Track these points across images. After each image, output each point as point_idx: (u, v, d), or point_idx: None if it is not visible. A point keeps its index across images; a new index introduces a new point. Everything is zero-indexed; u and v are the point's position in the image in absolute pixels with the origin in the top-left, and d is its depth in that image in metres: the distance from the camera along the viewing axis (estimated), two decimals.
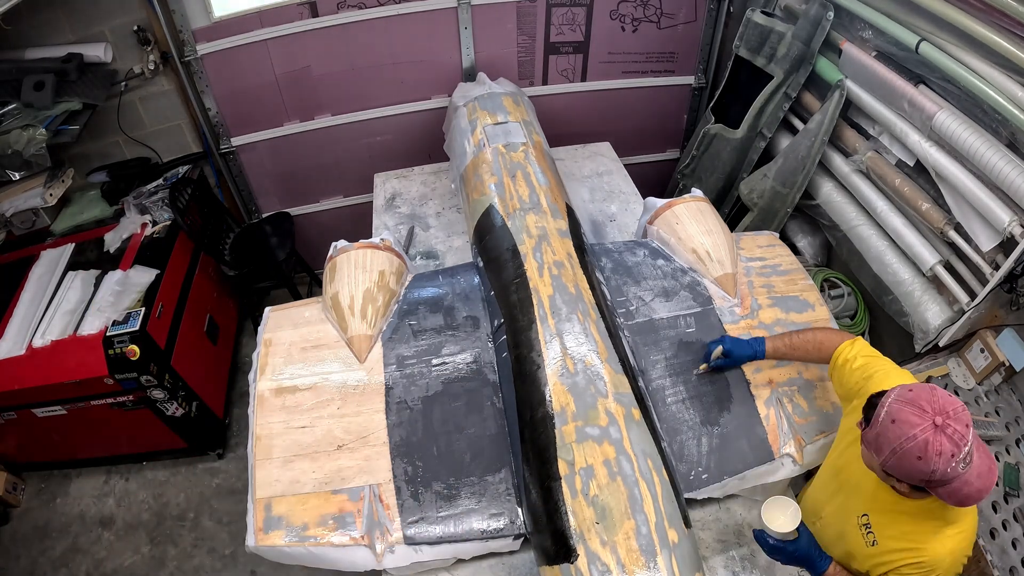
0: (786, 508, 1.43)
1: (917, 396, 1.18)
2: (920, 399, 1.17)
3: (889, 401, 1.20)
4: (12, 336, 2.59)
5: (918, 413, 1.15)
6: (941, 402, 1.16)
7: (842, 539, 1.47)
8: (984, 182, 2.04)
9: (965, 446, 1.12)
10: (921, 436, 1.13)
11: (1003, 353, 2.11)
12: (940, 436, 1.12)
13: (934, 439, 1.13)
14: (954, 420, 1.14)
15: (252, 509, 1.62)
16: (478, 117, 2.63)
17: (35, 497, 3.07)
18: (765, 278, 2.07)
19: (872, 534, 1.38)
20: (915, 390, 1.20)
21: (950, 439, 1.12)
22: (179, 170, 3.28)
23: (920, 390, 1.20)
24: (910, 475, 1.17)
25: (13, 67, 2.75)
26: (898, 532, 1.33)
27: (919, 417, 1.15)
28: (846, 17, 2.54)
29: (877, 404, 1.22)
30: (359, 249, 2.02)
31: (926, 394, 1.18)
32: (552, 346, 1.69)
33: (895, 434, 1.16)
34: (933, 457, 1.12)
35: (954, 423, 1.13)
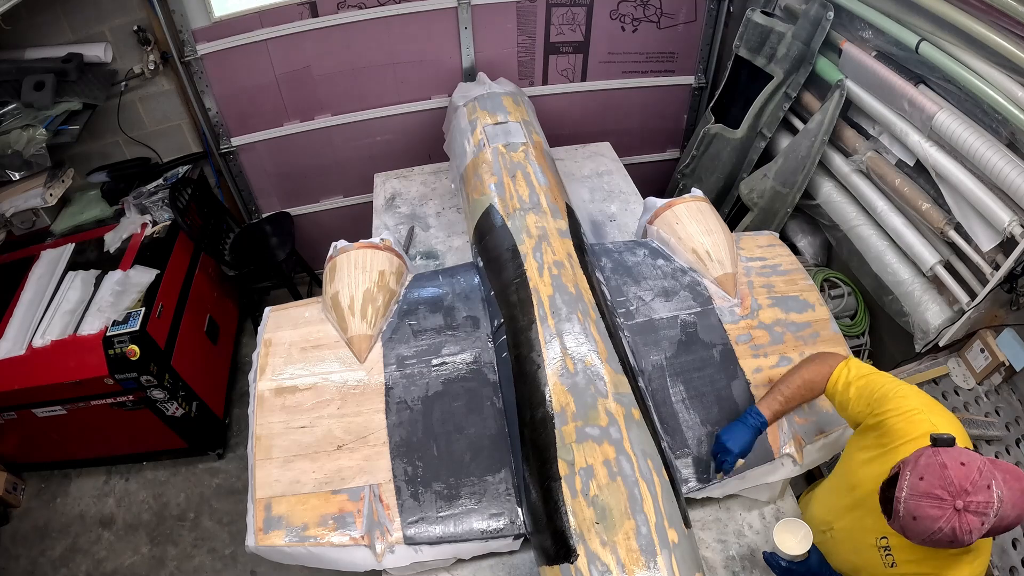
0: (797, 531, 1.44)
1: (930, 485, 1.10)
2: (934, 488, 1.10)
3: (904, 498, 1.13)
4: (12, 336, 2.59)
5: (936, 504, 1.09)
6: (957, 480, 1.09)
7: (857, 556, 1.44)
8: (984, 182, 2.04)
9: (991, 509, 1.08)
10: (947, 527, 1.09)
11: (1003, 353, 2.11)
12: (965, 517, 1.08)
13: (960, 524, 1.08)
14: (975, 494, 1.08)
15: (252, 509, 1.62)
16: (478, 117, 2.63)
17: (35, 497, 3.07)
18: (765, 278, 2.07)
19: (891, 556, 1.35)
20: (926, 476, 1.12)
21: (975, 514, 1.08)
22: (179, 170, 3.28)
23: (931, 475, 1.11)
24: (943, 546, 1.14)
25: (13, 67, 2.75)
26: (919, 557, 1.29)
27: (939, 509, 1.09)
28: (846, 17, 2.54)
29: (892, 498, 1.16)
30: (359, 249, 2.02)
31: (938, 479, 1.10)
32: (552, 346, 1.69)
33: (921, 529, 1.12)
34: (963, 537, 1.09)
35: (975, 497, 1.08)
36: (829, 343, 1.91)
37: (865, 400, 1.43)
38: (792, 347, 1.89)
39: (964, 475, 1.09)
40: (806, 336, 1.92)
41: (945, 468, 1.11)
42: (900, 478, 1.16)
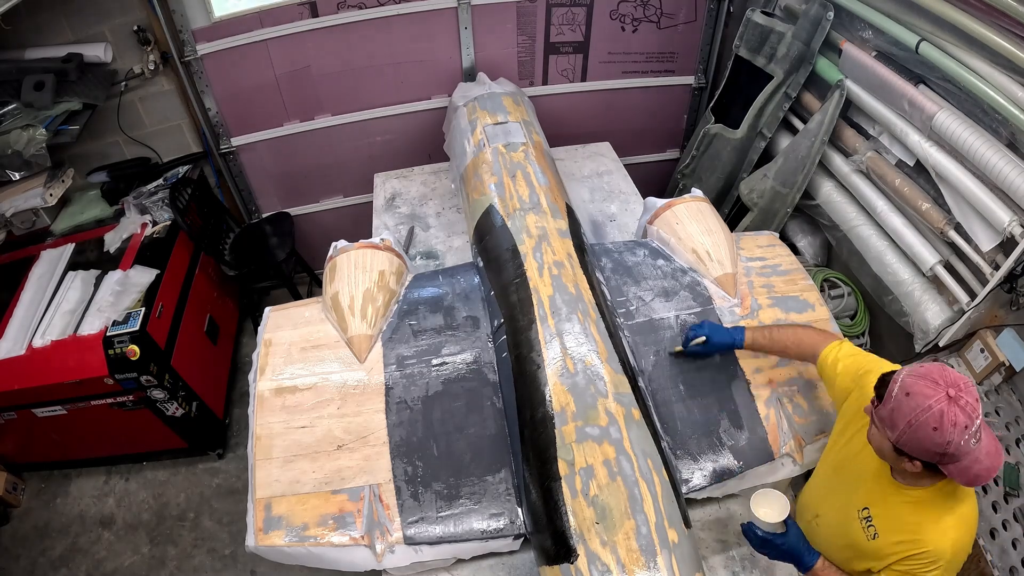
0: (774, 500, 1.45)
1: (929, 371, 1.20)
2: (932, 373, 1.19)
3: (902, 376, 1.21)
4: (12, 336, 2.59)
5: (931, 385, 1.17)
6: (952, 376, 1.18)
7: (843, 534, 1.46)
8: (984, 182, 2.04)
9: (976, 419, 1.15)
10: (936, 407, 1.15)
11: (1003, 353, 2.11)
12: (954, 407, 1.14)
13: (948, 410, 1.14)
14: (966, 393, 1.16)
15: (252, 509, 1.62)
16: (478, 117, 2.63)
17: (35, 497, 3.07)
18: (765, 278, 2.07)
19: (873, 527, 1.38)
20: (926, 366, 1.22)
21: (963, 411, 1.14)
22: (179, 170, 3.28)
23: (931, 366, 1.21)
24: (925, 448, 1.18)
25: (13, 67, 2.75)
26: (899, 524, 1.33)
27: (933, 389, 1.16)
28: (846, 17, 2.54)
29: (889, 381, 1.24)
30: (359, 249, 2.02)
31: (937, 369, 1.20)
32: (552, 346, 1.69)
33: (910, 406, 1.17)
34: (948, 428, 1.14)
35: (966, 395, 1.15)
36: None
37: (851, 374, 1.49)
38: None
39: (959, 376, 1.19)
40: None
41: (944, 367, 1.22)
42: (901, 368, 1.25)
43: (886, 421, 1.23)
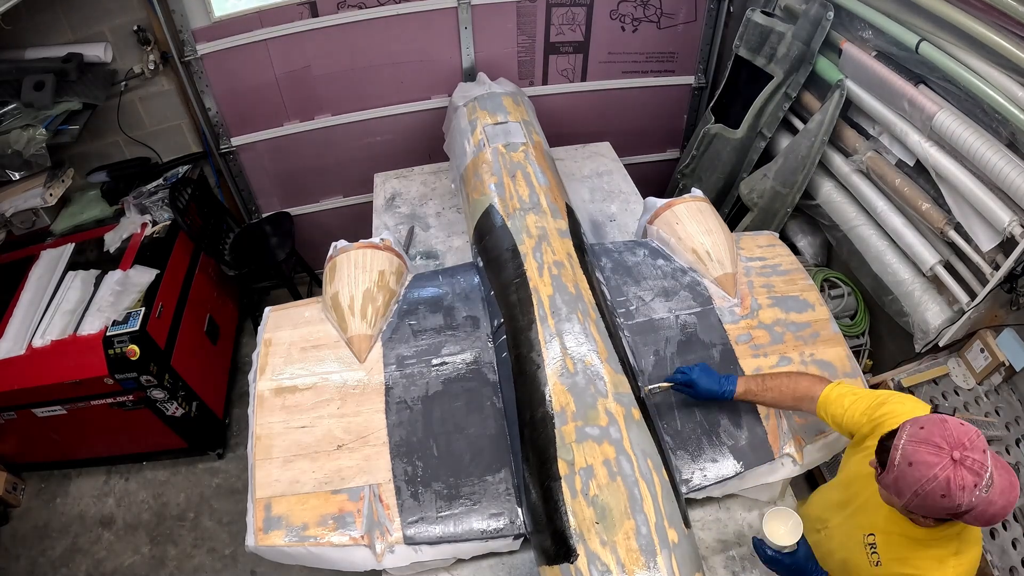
0: (787, 520, 1.43)
1: (930, 433, 1.14)
2: (934, 436, 1.13)
3: (903, 443, 1.16)
4: (12, 336, 2.59)
5: (935, 452, 1.12)
6: (956, 434, 1.13)
7: (847, 553, 1.45)
8: (984, 182, 2.04)
9: (985, 473, 1.10)
10: (942, 475, 1.10)
11: (1003, 353, 2.11)
12: (960, 470, 1.10)
13: (955, 475, 1.10)
14: (971, 451, 1.11)
15: (252, 509, 1.62)
16: (478, 117, 2.63)
17: (35, 497, 3.07)
18: (765, 278, 2.07)
19: (876, 555, 1.36)
20: (927, 426, 1.15)
21: (970, 471, 1.10)
22: (179, 170, 3.28)
23: (932, 425, 1.15)
24: (935, 512, 1.15)
25: (13, 67, 2.75)
26: (902, 556, 1.31)
27: (936, 456, 1.11)
28: (846, 17, 2.54)
29: (889, 447, 1.18)
30: (359, 249, 2.02)
31: (939, 429, 1.14)
32: (552, 346, 1.69)
33: (915, 477, 1.13)
34: (956, 492, 1.09)
35: (972, 453, 1.10)
36: (829, 343, 1.91)
37: (862, 408, 1.43)
38: (792, 347, 1.89)
39: (963, 432, 1.13)
40: (806, 336, 1.92)
41: (945, 423, 1.15)
42: (900, 429, 1.18)
43: (891, 489, 1.18)
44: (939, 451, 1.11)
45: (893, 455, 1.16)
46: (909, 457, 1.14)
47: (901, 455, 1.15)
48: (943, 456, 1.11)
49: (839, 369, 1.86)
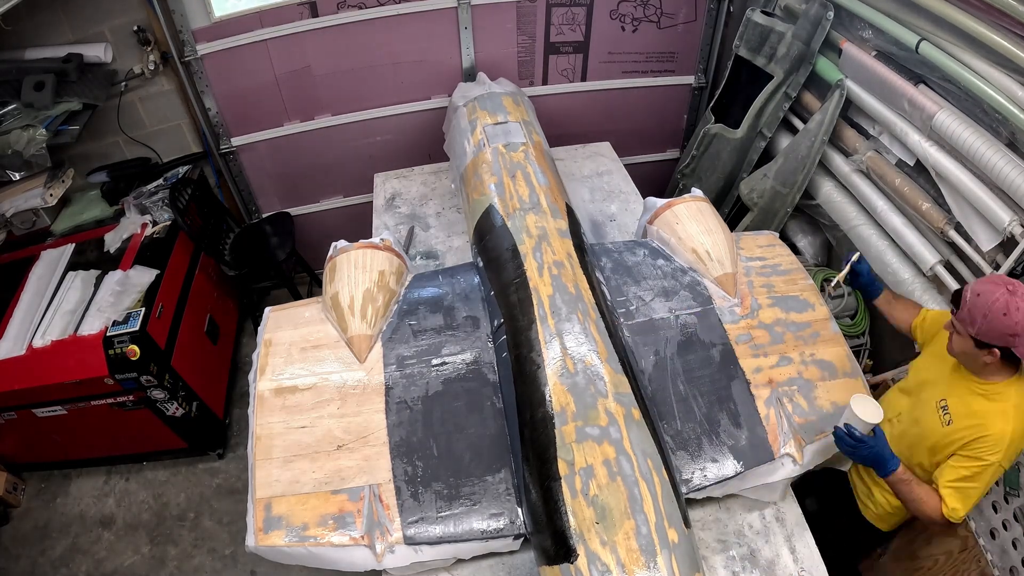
0: (871, 404, 1.60)
1: (988, 278, 1.55)
2: (991, 279, 1.53)
3: (971, 285, 1.54)
4: (12, 336, 2.59)
5: (994, 285, 1.50)
6: (1006, 278, 1.53)
7: (918, 425, 1.73)
8: (984, 182, 2.03)
9: None
10: (1001, 299, 1.46)
11: None
12: (1015, 298, 1.46)
13: (1011, 300, 1.46)
14: (1020, 288, 1.47)
15: (252, 509, 1.61)
16: (478, 117, 2.63)
17: (35, 497, 3.07)
18: (765, 278, 2.07)
19: (948, 414, 1.65)
20: (984, 278, 1.57)
21: (1021, 297, 1.46)
22: (179, 170, 3.28)
23: (990, 277, 1.57)
24: (1000, 333, 1.47)
25: (13, 67, 2.75)
26: (970, 411, 1.60)
27: (995, 287, 1.49)
28: (846, 17, 2.54)
29: (961, 293, 1.55)
30: (359, 249, 2.02)
31: (994, 276, 1.61)
32: (552, 346, 1.69)
33: (982, 302, 1.48)
34: (1014, 312, 1.45)
35: (1021, 289, 1.47)
36: (829, 343, 1.91)
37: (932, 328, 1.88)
38: (792, 347, 1.89)
39: (1012, 279, 1.52)
40: (806, 336, 1.92)
41: (998, 275, 1.63)
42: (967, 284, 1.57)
43: (966, 321, 1.53)
44: (997, 285, 1.49)
45: (964, 294, 1.54)
46: (977, 291, 1.51)
47: (971, 292, 1.52)
48: (1000, 287, 1.49)
49: (839, 369, 1.86)
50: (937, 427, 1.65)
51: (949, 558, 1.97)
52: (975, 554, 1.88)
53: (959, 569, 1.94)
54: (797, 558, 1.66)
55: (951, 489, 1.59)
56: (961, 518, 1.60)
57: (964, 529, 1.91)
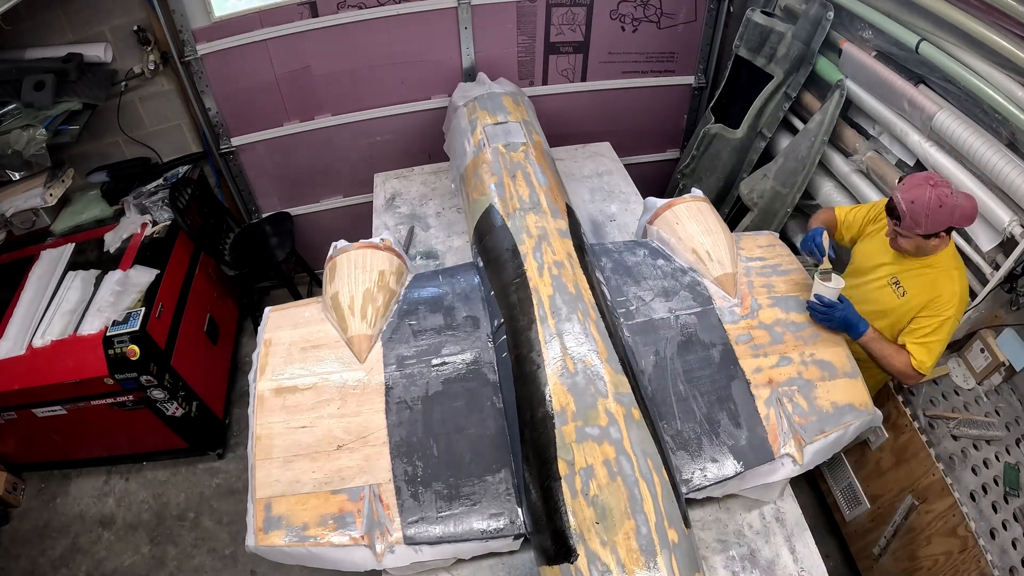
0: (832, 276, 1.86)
1: (909, 183, 1.77)
2: (913, 182, 1.76)
3: (901, 199, 1.76)
4: (12, 336, 2.59)
5: (919, 189, 1.73)
6: (922, 177, 1.77)
7: (868, 303, 1.99)
8: (984, 182, 2.04)
9: (951, 187, 1.74)
10: (932, 195, 1.71)
11: (1003, 353, 2.11)
12: (939, 188, 1.72)
13: (938, 192, 1.72)
14: (936, 179, 1.75)
15: (252, 509, 1.61)
16: (478, 117, 2.63)
17: (35, 497, 3.07)
18: (765, 278, 2.07)
19: (901, 287, 1.93)
20: (904, 182, 1.78)
21: (944, 186, 1.73)
22: (179, 170, 3.28)
23: (907, 180, 1.78)
24: (941, 221, 1.73)
25: (13, 67, 2.75)
26: (920, 282, 1.88)
27: (921, 189, 1.73)
28: (846, 17, 2.54)
29: (895, 206, 1.78)
30: (359, 249, 2.02)
31: (911, 180, 1.77)
32: (552, 346, 1.69)
33: (920, 206, 1.73)
34: (945, 200, 1.71)
35: (936, 179, 1.75)
36: (829, 343, 1.91)
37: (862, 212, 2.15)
38: (792, 347, 1.89)
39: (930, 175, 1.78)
40: (806, 336, 1.92)
41: (913, 176, 1.79)
42: (894, 191, 1.80)
43: (911, 227, 1.76)
44: (922, 187, 1.73)
45: (899, 207, 1.76)
46: (909, 199, 1.74)
47: (904, 203, 1.75)
48: (924, 187, 1.73)
49: (839, 369, 1.86)
50: (893, 300, 1.96)
51: (949, 558, 1.98)
52: (975, 554, 1.88)
53: (959, 569, 1.94)
54: (797, 558, 1.67)
55: (917, 345, 1.87)
56: (928, 370, 1.88)
57: (964, 529, 1.91)
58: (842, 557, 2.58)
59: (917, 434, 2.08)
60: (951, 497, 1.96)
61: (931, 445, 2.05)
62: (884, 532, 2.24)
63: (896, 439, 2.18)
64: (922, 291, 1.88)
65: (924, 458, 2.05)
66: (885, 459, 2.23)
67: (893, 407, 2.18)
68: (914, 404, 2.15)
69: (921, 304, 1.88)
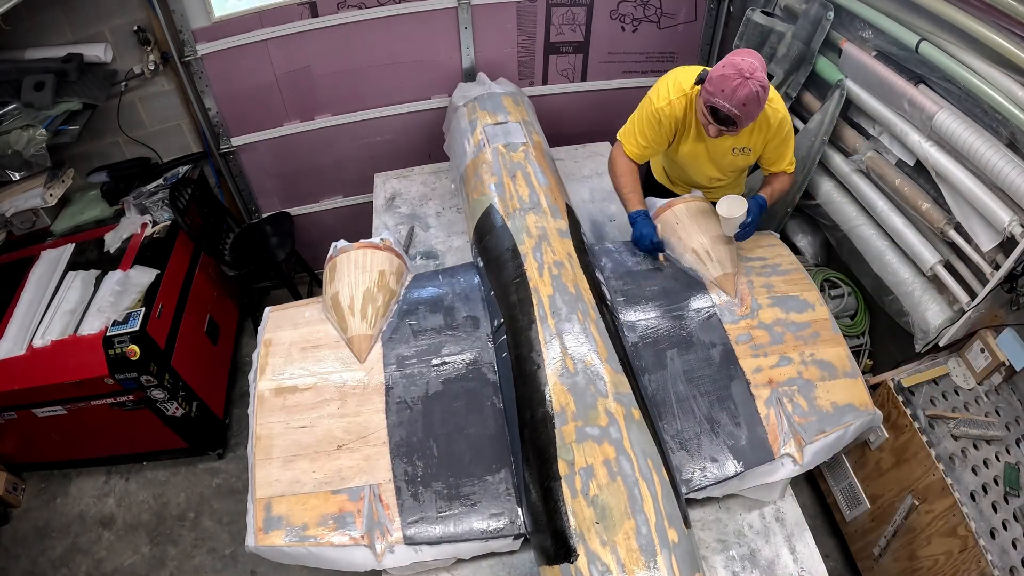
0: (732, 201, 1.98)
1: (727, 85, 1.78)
2: (730, 84, 1.77)
3: (729, 105, 1.79)
4: (12, 336, 2.59)
5: (744, 88, 1.76)
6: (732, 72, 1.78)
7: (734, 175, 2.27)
8: (984, 182, 2.03)
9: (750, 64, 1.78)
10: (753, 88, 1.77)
11: (1003, 353, 2.11)
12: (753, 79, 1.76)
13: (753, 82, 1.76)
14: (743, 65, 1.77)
15: (252, 509, 1.62)
16: (478, 117, 2.63)
17: (35, 497, 3.07)
18: (765, 278, 2.07)
19: (744, 149, 2.11)
20: (717, 84, 1.80)
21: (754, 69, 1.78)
22: (179, 170, 3.28)
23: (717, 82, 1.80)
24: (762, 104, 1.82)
25: (13, 67, 2.74)
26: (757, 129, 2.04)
27: (743, 86, 1.76)
28: (846, 17, 2.54)
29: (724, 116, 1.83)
30: (359, 249, 2.02)
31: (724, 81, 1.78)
32: (552, 346, 1.69)
33: (751, 107, 1.79)
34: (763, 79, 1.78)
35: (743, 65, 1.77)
36: (829, 343, 1.91)
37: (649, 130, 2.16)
38: (792, 347, 1.90)
39: (738, 67, 1.78)
40: (806, 336, 1.92)
41: (724, 73, 1.79)
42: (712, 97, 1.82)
43: (745, 123, 1.85)
44: (741, 84, 1.76)
45: (730, 112, 1.80)
46: (740, 101, 1.77)
47: (735, 108, 1.78)
48: (745, 85, 1.76)
49: (839, 369, 1.86)
50: (751, 159, 2.16)
51: (949, 558, 1.98)
52: (975, 554, 1.88)
53: (959, 569, 1.94)
54: (797, 558, 1.67)
55: (787, 160, 2.16)
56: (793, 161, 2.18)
57: (964, 529, 1.91)
58: (842, 557, 2.58)
59: (917, 434, 2.08)
60: (951, 497, 1.95)
61: (931, 445, 2.05)
62: (884, 532, 2.24)
63: (896, 439, 2.18)
64: (761, 136, 2.06)
65: (924, 458, 2.05)
66: (885, 459, 2.23)
67: (893, 407, 2.18)
68: (914, 404, 2.15)
69: (766, 142, 2.08)
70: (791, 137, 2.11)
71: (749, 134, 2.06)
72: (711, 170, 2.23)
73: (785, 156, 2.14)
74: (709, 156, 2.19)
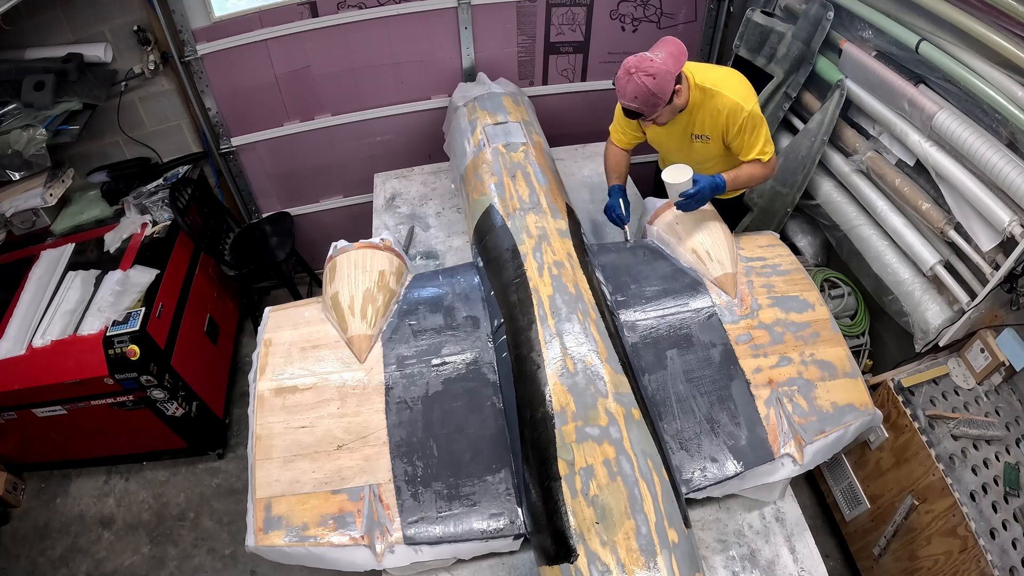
0: (676, 169, 2.01)
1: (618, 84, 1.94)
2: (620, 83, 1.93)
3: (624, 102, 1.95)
4: (12, 336, 2.59)
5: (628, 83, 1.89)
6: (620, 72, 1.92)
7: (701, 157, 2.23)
8: (984, 182, 2.03)
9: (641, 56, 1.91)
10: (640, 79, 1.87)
11: (1003, 353, 2.11)
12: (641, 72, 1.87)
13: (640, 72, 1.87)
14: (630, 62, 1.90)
15: (252, 509, 1.62)
16: (478, 117, 2.63)
17: (35, 497, 3.07)
18: (765, 278, 2.07)
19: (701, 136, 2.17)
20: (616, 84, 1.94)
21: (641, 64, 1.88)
22: (179, 170, 3.28)
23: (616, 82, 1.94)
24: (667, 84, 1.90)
25: (13, 67, 2.74)
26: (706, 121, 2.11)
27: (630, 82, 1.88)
28: (846, 17, 2.54)
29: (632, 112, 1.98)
30: (359, 249, 2.02)
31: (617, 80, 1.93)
32: (552, 346, 1.69)
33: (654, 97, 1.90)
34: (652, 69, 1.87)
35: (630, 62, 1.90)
36: (829, 343, 1.91)
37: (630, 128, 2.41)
38: (792, 347, 1.89)
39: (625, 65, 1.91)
40: (806, 336, 1.92)
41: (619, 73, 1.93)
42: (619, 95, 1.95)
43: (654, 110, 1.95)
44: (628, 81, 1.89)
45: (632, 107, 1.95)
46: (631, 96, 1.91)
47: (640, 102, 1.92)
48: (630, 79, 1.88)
49: (839, 369, 1.86)
50: (707, 148, 2.19)
51: (949, 558, 1.98)
52: (975, 554, 1.88)
53: (959, 569, 1.95)
54: (797, 558, 1.67)
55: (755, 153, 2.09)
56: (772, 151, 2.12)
57: (964, 529, 1.91)
58: (842, 557, 2.58)
59: (917, 434, 2.08)
60: (951, 497, 1.96)
61: (931, 445, 2.05)
62: (884, 532, 2.24)
63: (896, 439, 2.18)
64: (714, 124, 2.09)
65: (924, 458, 2.05)
66: (885, 459, 2.23)
67: (893, 407, 2.18)
68: (914, 404, 2.15)
69: (722, 131, 2.09)
70: (755, 128, 2.07)
71: (701, 122, 2.12)
72: (680, 157, 2.26)
73: (751, 146, 2.10)
74: (672, 142, 2.29)
